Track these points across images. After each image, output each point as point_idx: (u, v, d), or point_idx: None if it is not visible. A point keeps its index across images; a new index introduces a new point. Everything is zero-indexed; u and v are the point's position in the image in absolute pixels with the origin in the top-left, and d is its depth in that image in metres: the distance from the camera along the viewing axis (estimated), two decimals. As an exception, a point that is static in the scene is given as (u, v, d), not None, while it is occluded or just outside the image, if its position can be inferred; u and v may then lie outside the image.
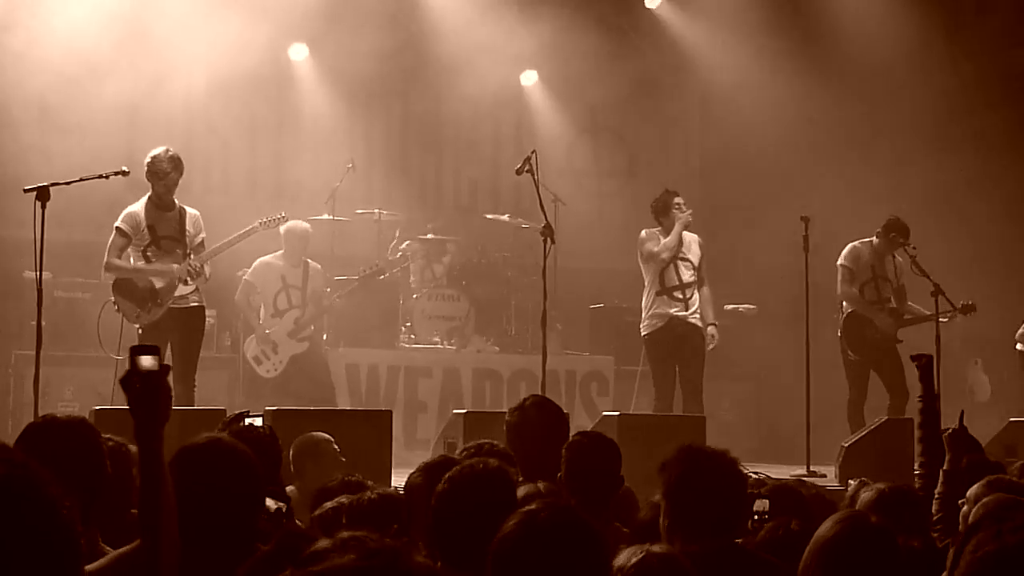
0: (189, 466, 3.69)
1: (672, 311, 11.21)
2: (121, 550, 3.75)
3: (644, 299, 11.40)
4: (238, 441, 3.84)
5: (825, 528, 3.65)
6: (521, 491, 4.62)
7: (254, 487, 3.69)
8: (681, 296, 11.25)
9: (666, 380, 11.17)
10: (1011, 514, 4.10)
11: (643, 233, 11.42)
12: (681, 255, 11.31)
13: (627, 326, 14.42)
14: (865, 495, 4.74)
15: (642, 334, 11.40)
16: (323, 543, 2.67)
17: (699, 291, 11.38)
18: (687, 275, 11.29)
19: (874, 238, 11.52)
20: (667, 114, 16.45)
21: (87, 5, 13.18)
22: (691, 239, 11.43)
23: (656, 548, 3.48)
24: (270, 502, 4.43)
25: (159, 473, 3.23)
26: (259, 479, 3.72)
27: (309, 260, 12.43)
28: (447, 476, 3.99)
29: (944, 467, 5.55)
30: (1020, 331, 12.53)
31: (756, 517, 4.67)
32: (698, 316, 11.32)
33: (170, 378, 3.25)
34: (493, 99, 15.67)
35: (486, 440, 5.76)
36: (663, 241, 11.24)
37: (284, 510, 4.48)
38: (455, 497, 3.89)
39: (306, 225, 12.43)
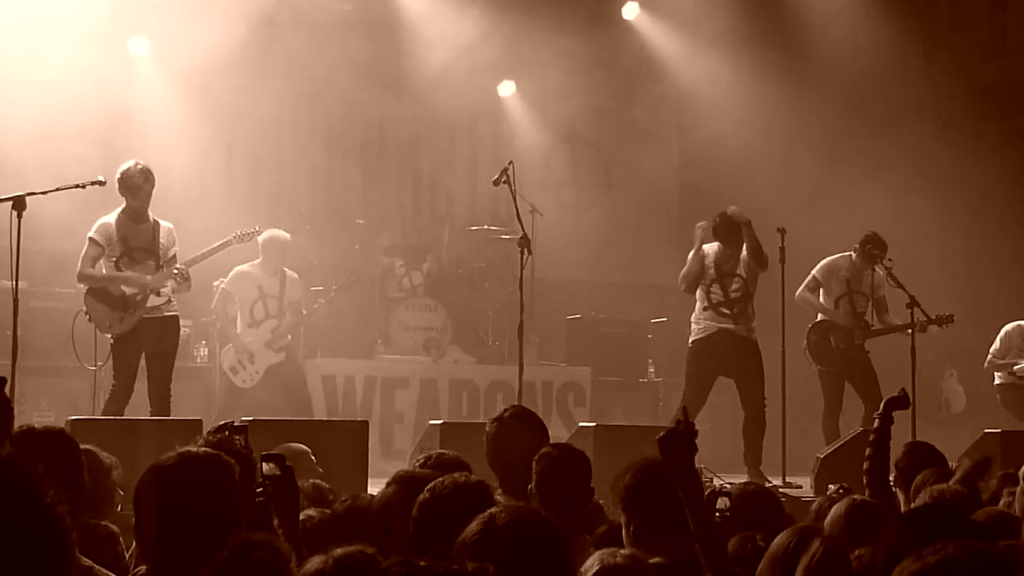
0: (164, 482, 3.66)
1: (721, 324, 10.94)
2: None
3: (694, 311, 11.12)
4: (221, 453, 3.81)
5: (778, 541, 3.72)
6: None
7: (231, 502, 3.66)
8: (728, 311, 10.94)
9: (698, 394, 10.88)
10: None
11: (692, 255, 11.10)
12: (730, 271, 10.99)
13: (604, 337, 14.47)
14: (835, 508, 4.76)
15: (689, 341, 11.13)
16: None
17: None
18: (734, 291, 10.98)
19: (853, 253, 11.56)
20: (644, 125, 16.49)
21: (65, 12, 13.16)
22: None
23: (624, 551, 3.51)
24: (267, 467, 4.41)
25: None
26: (237, 493, 3.69)
27: (286, 269, 12.40)
28: (429, 487, 4.00)
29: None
30: (989, 359, 12.55)
31: (718, 515, 4.69)
32: (749, 328, 11.04)
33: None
34: (470, 109, 15.71)
35: (440, 451, 5.78)
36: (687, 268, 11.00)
37: (280, 474, 4.40)
38: (437, 508, 3.89)
39: (286, 235, 12.39)
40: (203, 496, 3.58)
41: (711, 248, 11.07)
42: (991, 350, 12.51)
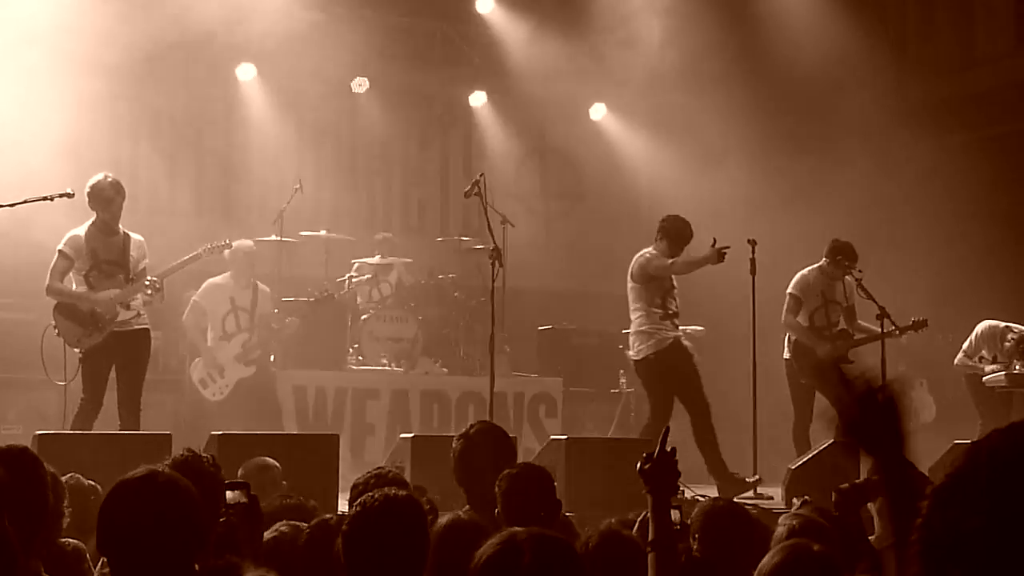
0: (125, 501, 3.63)
1: (675, 333, 10.99)
2: None
3: (640, 321, 11.02)
4: (179, 475, 3.77)
5: (768, 558, 3.73)
6: (443, 519, 4.61)
7: (193, 524, 3.64)
8: (678, 321, 11.10)
9: (667, 403, 10.87)
10: None
11: (646, 254, 11.08)
12: (675, 282, 11.18)
13: (575, 348, 14.46)
14: (779, 530, 4.79)
15: (645, 355, 10.96)
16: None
17: None
18: (679, 302, 11.19)
19: (823, 261, 11.58)
20: (613, 136, 16.51)
21: (25, 20, 13.08)
22: None
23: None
24: (231, 494, 4.39)
25: None
26: (199, 515, 3.66)
27: (258, 283, 12.36)
28: (357, 502, 3.99)
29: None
30: (960, 356, 12.64)
31: None
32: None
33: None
34: (442, 120, 15.70)
35: (381, 468, 5.79)
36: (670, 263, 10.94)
37: (246, 501, 4.41)
38: (365, 526, 3.88)
39: (251, 244, 12.34)
40: (164, 517, 3.55)
41: (655, 257, 11.07)
42: (963, 346, 12.59)
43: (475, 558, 3.06)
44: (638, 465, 4.25)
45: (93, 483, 5.74)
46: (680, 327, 11.13)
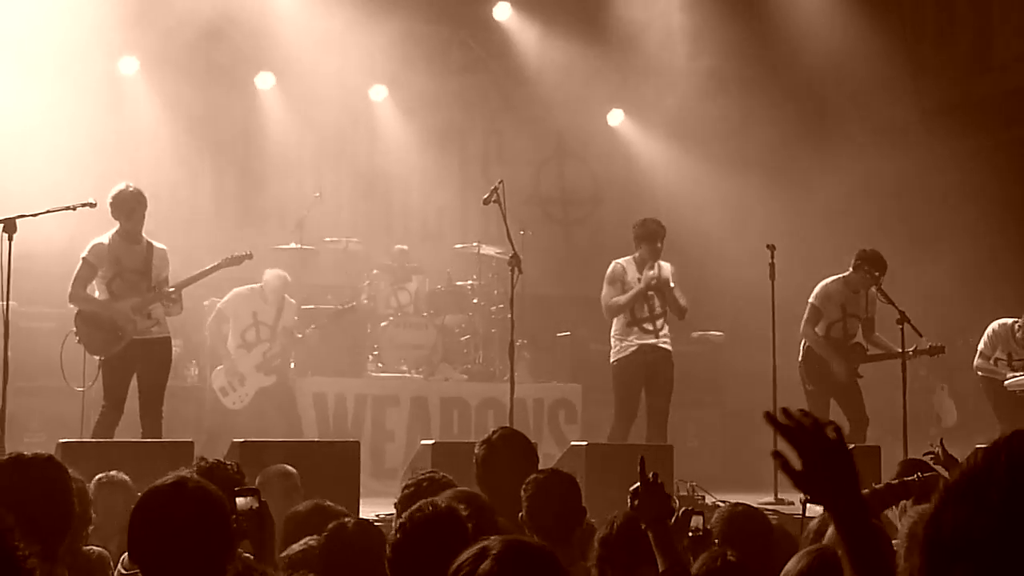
0: (156, 508, 3.66)
1: (642, 340, 11.17)
2: None
3: (613, 327, 11.34)
4: (207, 482, 3.80)
5: (793, 564, 3.73)
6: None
7: (223, 529, 3.67)
8: (651, 327, 11.21)
9: (627, 408, 11.15)
10: None
11: (609, 271, 11.32)
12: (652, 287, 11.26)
13: (594, 354, 14.41)
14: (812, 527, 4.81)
15: (612, 360, 11.31)
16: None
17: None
18: (658, 307, 11.27)
19: (850, 271, 11.53)
20: (631, 140, 16.50)
21: (54, 32, 13.16)
22: (664, 269, 11.32)
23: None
24: (241, 501, 4.41)
25: None
26: (228, 521, 3.69)
27: (286, 295, 12.50)
28: (399, 523, 3.99)
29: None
30: (977, 360, 12.59)
31: (691, 534, 4.71)
32: (667, 341, 11.29)
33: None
34: (460, 127, 15.72)
35: (434, 472, 5.79)
36: (621, 298, 11.20)
37: (257, 507, 4.44)
38: (410, 545, 3.88)
39: (284, 274, 12.51)
40: (195, 523, 3.58)
41: (629, 264, 11.25)
42: (979, 348, 12.53)
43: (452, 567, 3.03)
44: (628, 502, 4.28)
45: None
46: (655, 332, 11.22)
